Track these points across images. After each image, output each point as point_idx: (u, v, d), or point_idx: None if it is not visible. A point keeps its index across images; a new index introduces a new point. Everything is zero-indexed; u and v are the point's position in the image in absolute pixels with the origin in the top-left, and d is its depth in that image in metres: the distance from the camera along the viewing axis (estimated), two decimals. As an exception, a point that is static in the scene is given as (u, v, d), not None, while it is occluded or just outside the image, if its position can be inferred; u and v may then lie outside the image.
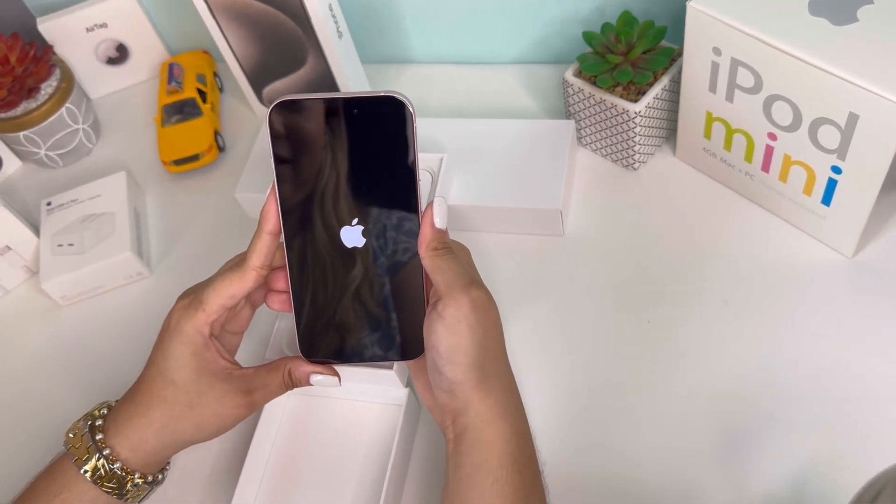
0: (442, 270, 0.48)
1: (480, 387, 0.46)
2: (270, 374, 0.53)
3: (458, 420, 0.47)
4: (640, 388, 0.61)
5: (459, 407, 0.46)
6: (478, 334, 0.46)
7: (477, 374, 0.46)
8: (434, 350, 0.47)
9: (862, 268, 0.63)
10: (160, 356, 0.51)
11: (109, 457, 0.51)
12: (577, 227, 0.71)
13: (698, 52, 0.61)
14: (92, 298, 0.77)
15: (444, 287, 0.47)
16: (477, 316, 0.46)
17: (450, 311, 0.46)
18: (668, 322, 0.64)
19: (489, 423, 0.46)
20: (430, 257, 0.48)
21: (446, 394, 0.47)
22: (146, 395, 0.52)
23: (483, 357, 0.47)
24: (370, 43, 0.86)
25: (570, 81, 0.70)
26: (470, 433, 0.46)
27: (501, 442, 0.46)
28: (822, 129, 0.57)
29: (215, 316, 0.51)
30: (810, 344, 0.60)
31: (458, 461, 0.46)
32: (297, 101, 0.47)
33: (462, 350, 0.46)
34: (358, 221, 0.49)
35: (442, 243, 0.49)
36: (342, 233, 0.49)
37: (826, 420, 0.57)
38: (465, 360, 0.46)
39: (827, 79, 0.54)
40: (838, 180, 0.59)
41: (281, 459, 0.62)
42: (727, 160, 0.68)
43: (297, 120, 0.48)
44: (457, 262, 0.48)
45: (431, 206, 0.49)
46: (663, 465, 0.57)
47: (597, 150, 0.75)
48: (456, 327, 0.46)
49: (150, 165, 0.86)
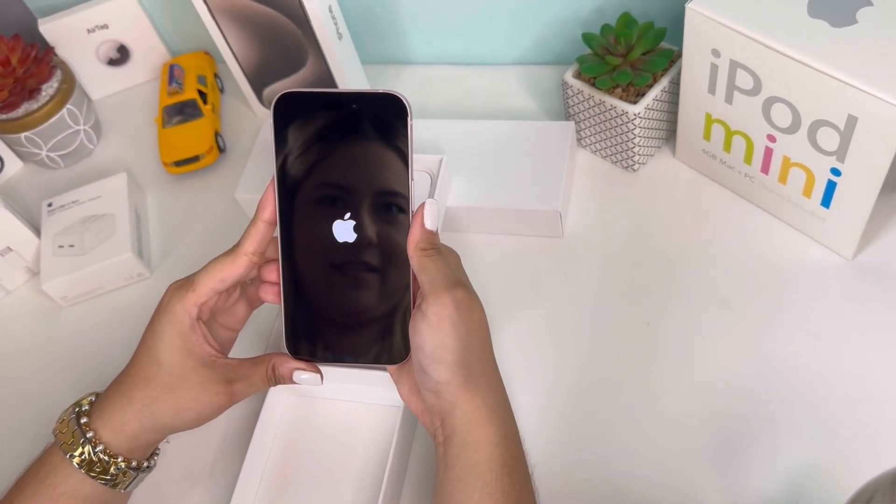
0: (427, 270, 0.48)
1: (466, 386, 0.46)
2: (255, 367, 0.54)
3: (446, 421, 0.47)
4: (638, 390, 0.61)
5: (446, 407, 0.46)
6: (461, 333, 0.47)
7: (463, 372, 0.46)
8: (419, 350, 0.47)
9: (862, 270, 0.63)
10: (150, 335, 0.53)
11: (92, 440, 0.51)
12: (577, 229, 0.71)
13: (697, 53, 0.61)
14: (93, 299, 0.77)
15: (429, 286, 0.47)
16: (461, 315, 0.47)
17: (433, 310, 0.46)
18: (667, 324, 0.64)
19: (477, 425, 0.46)
20: (418, 257, 0.49)
21: (433, 394, 0.47)
22: (131, 377, 0.53)
23: (468, 356, 0.47)
24: (370, 44, 0.86)
25: (569, 83, 0.70)
26: (458, 436, 0.46)
27: (490, 445, 0.46)
28: (821, 131, 0.57)
29: (205, 298, 0.52)
30: (809, 346, 0.60)
31: (448, 464, 0.46)
32: (301, 94, 0.49)
33: (447, 348, 0.46)
34: (350, 216, 0.50)
35: (430, 244, 0.49)
36: (334, 227, 0.50)
37: (824, 422, 0.57)
38: (449, 359, 0.46)
39: (826, 81, 0.53)
40: (837, 182, 0.59)
41: (280, 461, 0.62)
42: (727, 162, 0.67)
43: (300, 113, 0.49)
44: (444, 263, 0.48)
45: (423, 206, 0.49)
46: (660, 467, 0.57)
47: (596, 152, 0.75)
48: (439, 325, 0.46)
49: (151, 166, 0.86)
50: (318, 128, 0.49)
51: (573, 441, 0.60)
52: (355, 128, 0.49)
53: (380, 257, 0.50)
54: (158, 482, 0.64)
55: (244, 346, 0.70)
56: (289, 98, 0.49)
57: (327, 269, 0.50)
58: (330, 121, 0.49)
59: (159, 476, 0.65)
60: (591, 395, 0.62)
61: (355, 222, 0.49)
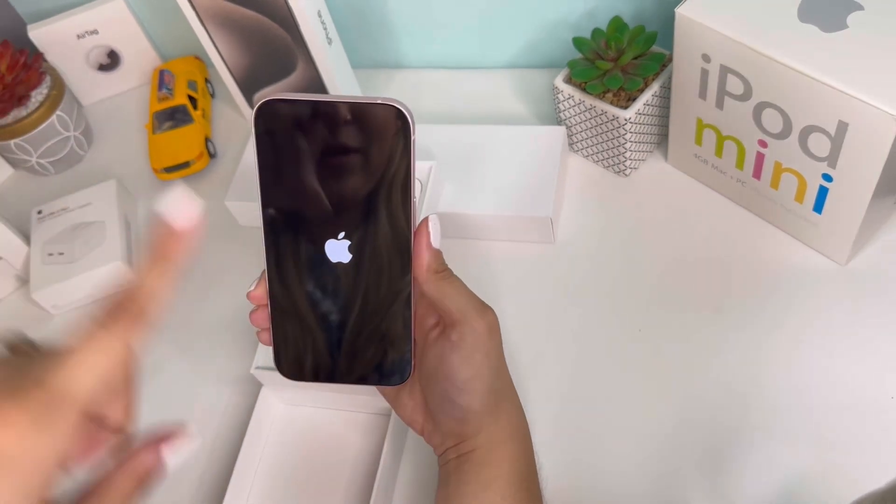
0: (450, 296, 0.44)
1: (494, 411, 0.45)
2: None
3: (464, 443, 0.45)
4: (630, 397, 0.60)
5: (469, 431, 0.45)
6: (493, 360, 0.45)
7: (492, 399, 0.45)
8: (447, 380, 0.45)
9: (855, 275, 0.63)
10: None
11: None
12: (569, 234, 0.70)
13: (687, 58, 0.61)
14: (83, 308, 0.77)
15: (458, 315, 0.44)
16: (493, 340, 0.45)
17: (467, 342, 0.44)
18: (659, 330, 0.63)
19: (500, 443, 0.45)
20: (435, 281, 0.44)
21: (456, 421, 0.45)
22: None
23: (496, 381, 0.46)
24: (360, 48, 0.85)
25: (560, 88, 0.70)
26: (478, 454, 0.45)
27: (512, 460, 0.45)
28: (812, 136, 0.56)
29: None
30: (803, 352, 0.60)
31: (462, 479, 0.45)
32: (286, 102, 0.43)
33: (480, 379, 0.44)
34: (345, 235, 0.45)
35: (442, 265, 0.46)
36: (327, 246, 0.46)
37: (818, 429, 0.56)
38: (481, 388, 0.44)
39: (816, 86, 0.53)
40: (829, 188, 0.59)
41: (269, 470, 0.62)
42: (719, 167, 0.67)
43: (286, 122, 0.43)
44: (461, 283, 0.46)
45: (425, 224, 0.45)
46: (651, 475, 0.57)
47: (588, 157, 0.74)
48: (473, 356, 0.44)
49: (142, 172, 0.86)
50: (306, 138, 0.44)
51: (562, 449, 0.59)
52: (349, 139, 0.44)
53: (378, 278, 0.46)
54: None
55: (234, 348, 0.70)
56: (272, 105, 0.43)
57: (320, 290, 0.47)
58: (320, 131, 0.43)
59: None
60: (582, 402, 0.61)
61: (350, 242, 0.45)
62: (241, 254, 0.75)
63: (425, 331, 0.47)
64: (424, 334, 0.47)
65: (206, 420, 0.67)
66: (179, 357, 0.71)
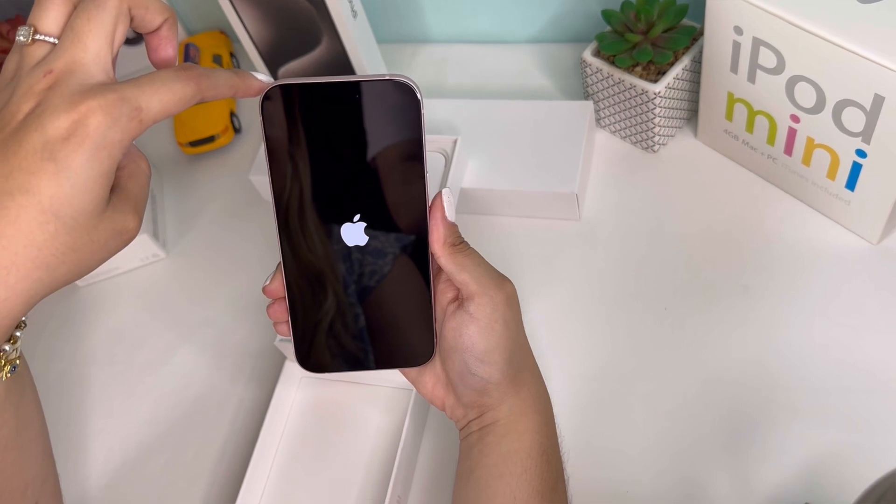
0: (467, 268, 0.44)
1: (515, 381, 0.45)
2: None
3: (486, 414, 0.45)
4: (656, 376, 0.60)
5: (492, 403, 0.45)
6: (512, 331, 0.45)
7: (512, 370, 0.45)
8: (467, 352, 0.44)
9: (887, 254, 0.61)
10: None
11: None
12: (595, 211, 0.70)
13: (719, 31, 0.60)
14: (108, 280, 0.77)
15: (476, 286, 0.44)
16: (512, 311, 0.45)
17: (485, 312, 0.44)
18: (686, 308, 0.62)
19: (522, 415, 0.45)
20: (451, 255, 0.44)
21: (477, 393, 0.45)
22: None
23: (516, 352, 0.45)
24: (385, 22, 0.85)
25: (588, 61, 0.69)
26: (500, 425, 0.45)
27: (533, 432, 0.45)
28: (846, 111, 0.55)
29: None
30: (832, 332, 0.59)
31: (484, 450, 0.45)
32: (293, 86, 0.42)
33: (500, 349, 0.44)
34: (360, 218, 0.45)
35: (458, 238, 0.46)
36: (343, 230, 0.45)
37: (845, 410, 0.56)
38: (501, 359, 0.44)
39: (851, 59, 0.52)
40: (863, 164, 0.57)
41: (291, 443, 0.62)
42: (749, 143, 0.66)
43: (294, 107, 0.42)
44: (478, 255, 0.46)
45: (439, 198, 0.45)
46: (676, 452, 0.56)
47: (616, 132, 0.73)
48: (492, 327, 0.44)
49: (167, 147, 0.86)
50: (316, 122, 0.43)
51: (586, 426, 0.59)
52: (359, 120, 0.43)
53: (395, 258, 0.46)
54: (170, 463, 0.64)
55: (257, 320, 0.70)
56: (279, 91, 0.42)
57: (338, 275, 0.46)
58: (330, 113, 0.43)
59: (171, 457, 0.65)
60: (605, 379, 0.61)
61: (366, 224, 0.45)
62: (266, 228, 0.75)
63: (444, 305, 0.46)
64: (443, 309, 0.46)
65: (229, 392, 0.67)
66: (204, 329, 0.71)
